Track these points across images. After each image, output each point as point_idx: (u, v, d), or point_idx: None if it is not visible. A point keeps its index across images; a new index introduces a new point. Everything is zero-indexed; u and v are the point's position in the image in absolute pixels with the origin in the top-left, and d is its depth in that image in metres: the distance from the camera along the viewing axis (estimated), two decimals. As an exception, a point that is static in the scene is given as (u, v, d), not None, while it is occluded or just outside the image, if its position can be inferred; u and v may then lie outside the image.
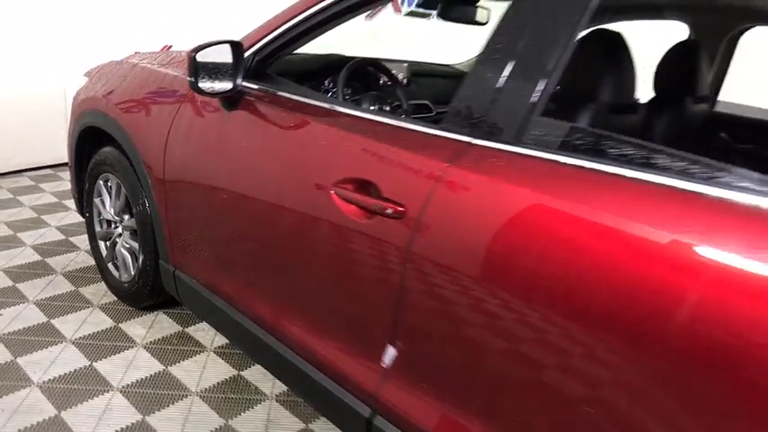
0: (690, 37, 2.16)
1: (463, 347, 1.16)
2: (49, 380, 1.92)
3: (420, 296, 1.21)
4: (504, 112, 1.13)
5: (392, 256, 1.25)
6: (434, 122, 1.29)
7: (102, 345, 2.14)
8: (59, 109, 3.86)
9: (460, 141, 1.18)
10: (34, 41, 4.00)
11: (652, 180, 0.94)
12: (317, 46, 1.87)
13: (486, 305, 1.10)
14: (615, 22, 1.94)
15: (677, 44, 1.87)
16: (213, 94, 1.60)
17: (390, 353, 1.31)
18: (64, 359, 2.03)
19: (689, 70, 1.87)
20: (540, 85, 1.10)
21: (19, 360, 2.00)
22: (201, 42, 1.60)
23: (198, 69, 1.54)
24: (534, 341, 1.04)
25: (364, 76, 2.24)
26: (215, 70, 1.61)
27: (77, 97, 2.47)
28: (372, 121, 1.39)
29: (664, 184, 0.93)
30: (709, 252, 0.85)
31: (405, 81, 2.40)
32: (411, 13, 2.99)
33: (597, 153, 1.02)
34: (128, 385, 1.94)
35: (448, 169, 1.16)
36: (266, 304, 1.66)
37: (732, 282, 0.82)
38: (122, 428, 1.75)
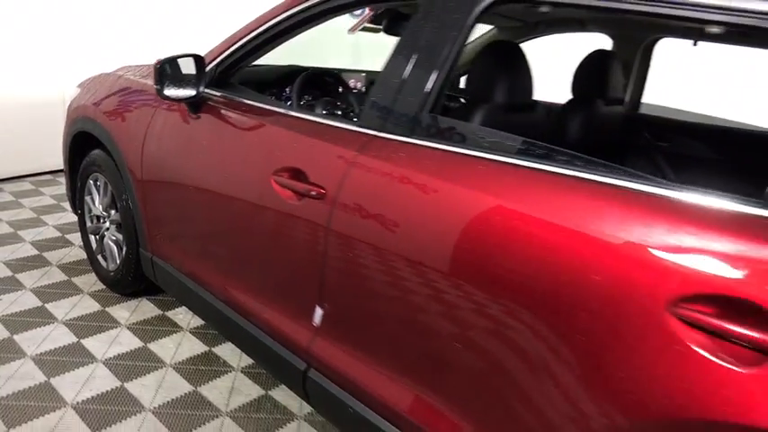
0: (613, 47, 2.42)
1: (375, 305, 1.41)
2: (41, 353, 2.18)
3: (339, 263, 1.46)
4: (401, 111, 1.39)
5: (316, 231, 1.50)
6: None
7: (89, 325, 2.39)
8: (59, 119, 4.15)
9: (368, 134, 1.44)
10: (37, 54, 4.29)
11: (497, 159, 1.19)
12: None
13: (390, 266, 1.35)
14: (539, 37, 2.20)
15: (591, 53, 2.13)
16: (177, 100, 1.87)
17: (319, 313, 1.56)
18: (54, 336, 2.29)
19: (602, 76, 2.12)
20: (427, 89, 1.35)
21: (15, 337, 2.26)
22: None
23: (163, 78, 1.81)
24: (426, 293, 1.28)
25: (324, 85, 2.51)
26: (181, 79, 1.88)
27: (71, 106, 2.75)
28: (308, 120, 1.65)
29: (506, 162, 1.18)
30: (530, 208, 1.10)
31: (362, 89, 2.67)
32: (364, 29, 3.26)
33: (468, 141, 1.28)
34: (110, 358, 2.19)
35: (357, 157, 1.42)
36: (225, 280, 1.91)
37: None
38: (103, 392, 2.00)
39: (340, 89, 2.53)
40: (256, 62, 2.07)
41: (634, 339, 0.97)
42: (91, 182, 2.65)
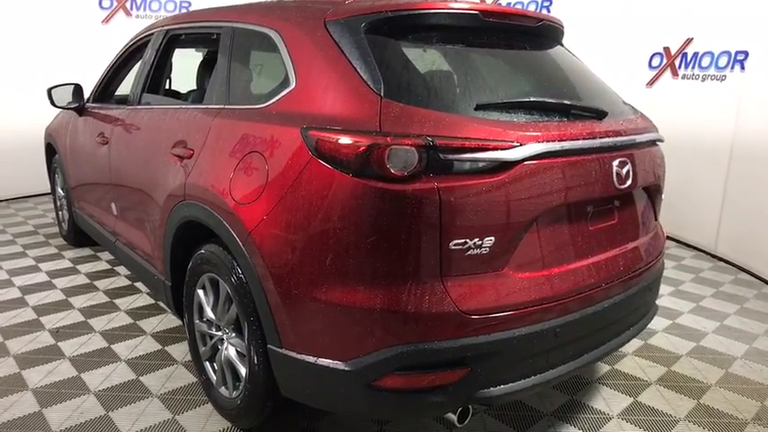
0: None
1: (130, 199, 2.75)
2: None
3: (117, 179, 2.83)
4: (137, 94, 2.77)
5: (107, 163, 2.88)
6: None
7: (47, 257, 3.88)
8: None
9: (130, 107, 2.82)
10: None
11: (157, 107, 2.55)
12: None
13: (132, 177, 2.69)
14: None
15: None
16: (65, 108, 3.36)
17: (114, 208, 2.93)
18: (20, 259, 3.78)
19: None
20: (145, 84, 2.73)
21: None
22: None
23: (52, 96, 3.31)
24: (139, 184, 2.61)
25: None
26: (73, 98, 3.37)
27: (45, 131, 4.35)
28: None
29: (159, 108, 2.53)
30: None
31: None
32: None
33: (156, 102, 2.65)
34: (50, 271, 3.64)
35: (119, 119, 2.81)
36: (92, 207, 3.32)
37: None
38: (34, 284, 3.43)
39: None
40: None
41: (162, 159, 2.27)
42: (55, 176, 4.20)
